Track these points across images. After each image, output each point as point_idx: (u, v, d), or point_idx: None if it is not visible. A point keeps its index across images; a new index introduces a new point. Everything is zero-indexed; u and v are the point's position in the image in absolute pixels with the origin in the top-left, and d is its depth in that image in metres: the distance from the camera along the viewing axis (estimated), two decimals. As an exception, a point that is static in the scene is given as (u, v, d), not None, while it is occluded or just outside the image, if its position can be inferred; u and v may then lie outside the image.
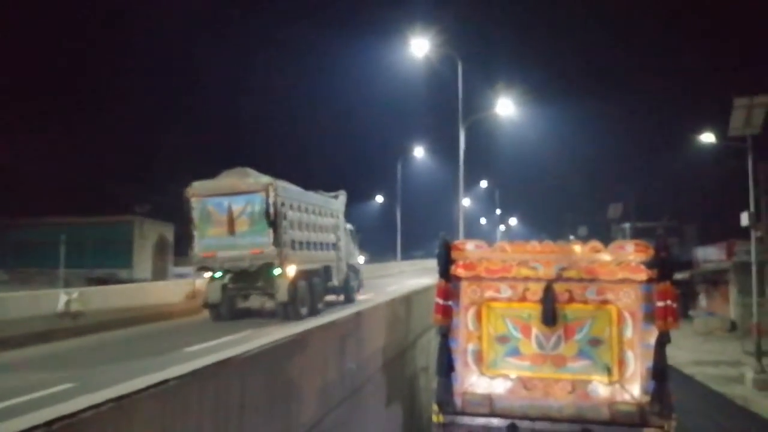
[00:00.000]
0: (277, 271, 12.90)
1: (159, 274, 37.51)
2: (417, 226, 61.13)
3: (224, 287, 14.30)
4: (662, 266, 6.34)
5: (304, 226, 14.32)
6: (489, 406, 6.66)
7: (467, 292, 6.88)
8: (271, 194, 12.81)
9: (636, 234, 50.70)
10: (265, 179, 13.22)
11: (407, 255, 56.99)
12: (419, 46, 21.57)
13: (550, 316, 6.56)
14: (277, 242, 12.65)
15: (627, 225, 52.28)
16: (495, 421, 6.58)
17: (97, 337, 13.43)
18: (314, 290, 14.06)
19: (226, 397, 4.26)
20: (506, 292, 6.83)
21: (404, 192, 48.76)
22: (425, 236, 58.63)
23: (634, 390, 6.43)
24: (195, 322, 16.44)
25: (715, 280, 32.39)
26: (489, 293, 6.84)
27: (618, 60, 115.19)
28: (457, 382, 6.78)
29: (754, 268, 19.66)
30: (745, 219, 19.32)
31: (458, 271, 6.84)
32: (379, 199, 59.16)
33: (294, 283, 13.02)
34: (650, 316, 6.44)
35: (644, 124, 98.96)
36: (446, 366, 6.67)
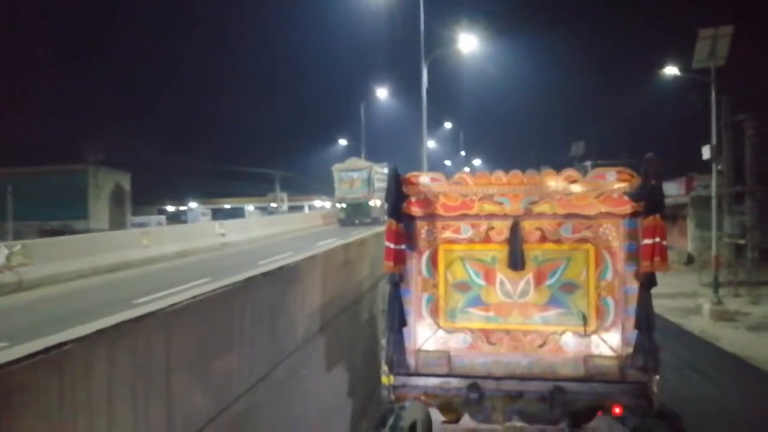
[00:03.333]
0: (371, 203, 31.00)
1: (116, 224, 36.44)
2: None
3: (346, 211, 31.73)
4: (652, 197, 5.44)
5: (378, 185, 30.76)
6: (447, 364, 5.92)
7: (421, 233, 6.05)
8: (370, 171, 31.88)
9: (598, 172, 51.04)
10: (367, 163, 32.72)
11: (336, 197, 56.40)
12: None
13: (518, 259, 5.76)
14: (371, 192, 31.30)
15: (588, 163, 52.63)
16: (454, 382, 5.85)
17: (41, 291, 12.79)
18: (383, 213, 23.95)
19: (147, 360, 3.76)
20: (467, 231, 5.99)
21: (368, 134, 47.87)
22: (390, 179, 57.75)
23: (613, 341, 5.74)
24: (156, 271, 15.93)
25: (674, 215, 32.90)
26: (447, 234, 6.01)
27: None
28: (410, 338, 5.99)
29: (714, 201, 19.79)
30: (707, 152, 19.28)
31: (411, 209, 5.96)
32: (343, 142, 58.10)
33: (376, 209, 30.15)
34: (633, 255, 5.66)
35: (609, 59, 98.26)
36: (397, 320, 5.84)
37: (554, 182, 5.82)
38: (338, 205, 32.78)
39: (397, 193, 5.87)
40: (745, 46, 23.14)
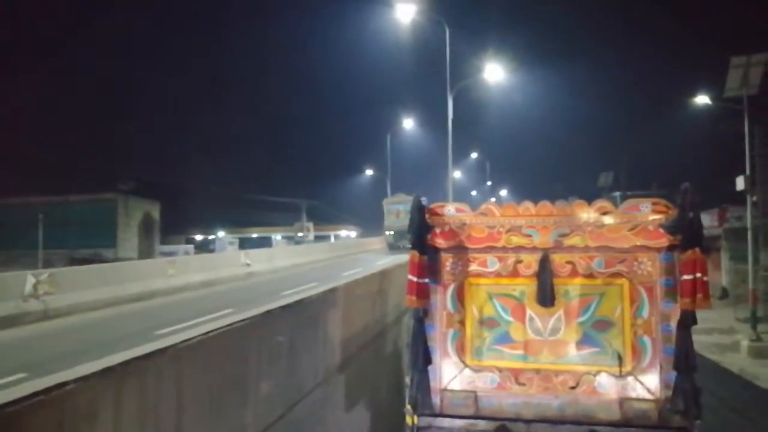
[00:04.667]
0: None
1: (145, 252, 36.80)
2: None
3: (394, 237, 36.15)
4: (690, 229, 5.08)
5: None
6: (474, 405, 5.57)
7: (446, 265, 5.76)
8: (410, 203, 31.14)
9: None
10: (410, 197, 35.91)
11: (385, 228, 56.36)
12: (404, 12, 20.71)
13: (548, 294, 5.43)
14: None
15: (617, 194, 51.80)
16: (481, 423, 5.48)
17: (65, 321, 12.80)
18: None
19: (156, 400, 3.59)
20: (494, 265, 5.68)
21: (394, 164, 48.01)
22: (416, 209, 57.59)
23: (651, 383, 5.35)
24: (180, 301, 15.91)
25: (707, 247, 31.98)
26: (473, 267, 5.72)
27: (611, 22, 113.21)
28: (435, 377, 5.64)
29: (750, 234, 19.15)
30: (741, 183, 18.72)
31: (436, 240, 5.67)
32: (370, 172, 58.22)
33: None
34: (671, 291, 5.29)
35: (638, 88, 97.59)
36: (422, 358, 5.48)
37: (585, 214, 5.51)
38: (387, 233, 40.42)
39: (421, 223, 5.61)
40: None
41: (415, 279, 5.46)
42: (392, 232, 38.95)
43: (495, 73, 22.89)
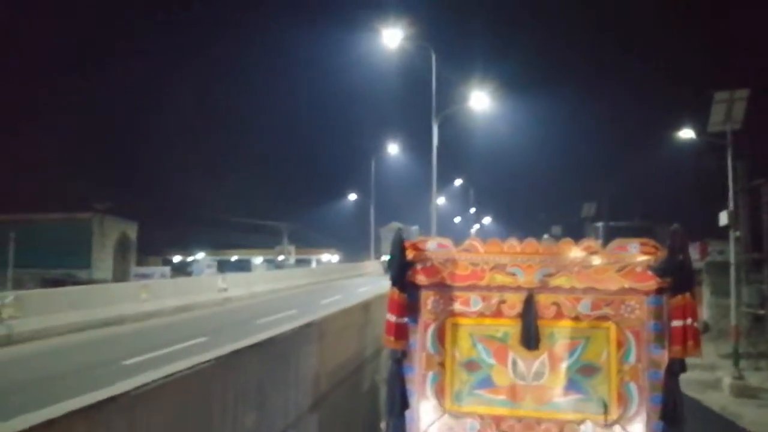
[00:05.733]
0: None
1: (120, 274, 35.98)
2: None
3: (389, 262, 35.23)
4: (680, 272, 4.85)
5: None
6: None
7: (427, 304, 5.42)
8: (409, 230, 24.77)
9: (609, 234, 50.60)
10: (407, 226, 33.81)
11: (383, 253, 56.05)
12: (392, 37, 20.68)
13: (532, 337, 5.15)
14: None
15: (600, 224, 52.02)
16: None
17: (29, 347, 12.21)
18: None
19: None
20: (477, 304, 5.36)
21: (379, 189, 47.89)
22: (399, 234, 57.50)
23: None
24: (151, 327, 15.35)
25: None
26: (455, 306, 5.39)
27: (598, 54, 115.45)
28: (413, 422, 5.30)
29: (732, 269, 19.07)
30: (724, 218, 18.68)
31: (417, 277, 5.35)
32: (353, 196, 57.99)
33: None
34: (660, 336, 5.04)
35: (623, 120, 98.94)
36: (399, 402, 5.15)
37: (572, 253, 5.26)
38: (383, 258, 42.32)
39: (402, 259, 5.29)
40: (763, 109, 22.95)
41: (394, 318, 5.13)
42: (389, 257, 45.75)
43: (480, 101, 22.87)
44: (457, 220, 77.91)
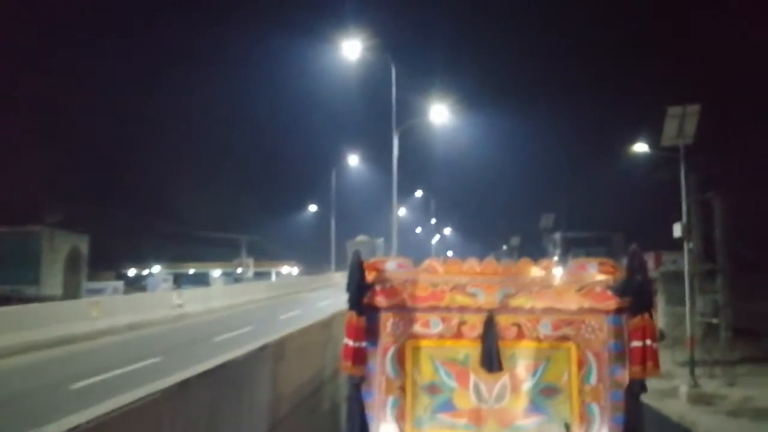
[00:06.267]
0: None
1: (71, 289, 34.69)
2: (352, 235, 59.86)
3: (347, 285, 36.25)
4: (639, 293, 4.81)
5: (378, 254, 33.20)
6: None
7: (387, 326, 5.20)
8: (373, 243, 40.38)
9: (566, 244, 51.62)
10: (371, 239, 42.41)
11: (344, 265, 55.67)
12: (351, 48, 20.56)
13: (494, 359, 4.99)
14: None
15: (558, 234, 52.93)
16: None
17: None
18: None
19: None
20: (437, 326, 5.19)
21: (340, 200, 47.64)
22: (360, 246, 57.67)
23: None
24: (102, 347, 14.75)
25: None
26: (415, 328, 5.20)
27: (555, 71, 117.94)
28: None
29: (687, 280, 19.50)
30: (677, 230, 19.11)
31: (375, 299, 5.14)
32: (313, 208, 57.53)
33: None
34: (621, 356, 4.97)
35: (580, 134, 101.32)
36: (359, 428, 4.95)
37: (532, 273, 5.18)
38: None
39: (360, 281, 5.08)
40: (712, 123, 23.66)
41: (351, 343, 4.90)
42: None
43: (441, 114, 22.94)
44: (419, 230, 78.24)
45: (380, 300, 5.20)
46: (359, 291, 5.05)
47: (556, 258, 53.90)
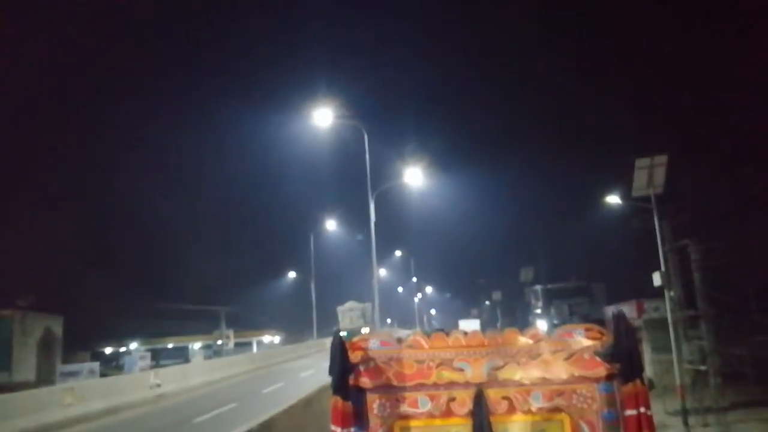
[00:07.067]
0: (363, 330, 35.85)
1: (45, 374, 33.38)
2: (334, 300, 59.16)
3: (348, 338, 37.47)
4: (628, 359, 4.68)
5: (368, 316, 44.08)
6: None
7: (373, 408, 5.00)
8: (363, 308, 51.19)
9: (548, 295, 51.67)
10: (360, 304, 52.40)
11: (326, 331, 54.82)
12: (323, 117, 20.90)
13: None
14: (365, 323, 48.16)
15: (539, 287, 53.02)
16: None
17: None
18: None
19: None
20: (425, 404, 5.00)
21: (319, 265, 47.28)
22: (343, 309, 57.12)
23: None
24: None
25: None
26: (403, 408, 5.01)
27: (528, 129, 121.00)
28: None
29: (671, 329, 19.50)
30: (657, 279, 19.25)
31: (360, 380, 4.97)
32: (293, 275, 56.92)
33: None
34: (615, 425, 4.80)
35: (555, 187, 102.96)
36: None
37: (518, 343, 5.04)
38: (342, 333, 52.94)
39: (343, 363, 4.91)
40: (682, 171, 24.24)
41: (339, 430, 4.70)
42: (346, 333, 51.41)
43: (415, 176, 23.25)
44: (400, 289, 77.81)
45: (365, 381, 5.02)
46: (343, 373, 4.87)
47: (539, 310, 53.92)
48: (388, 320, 77.75)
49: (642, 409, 4.56)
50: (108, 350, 60.76)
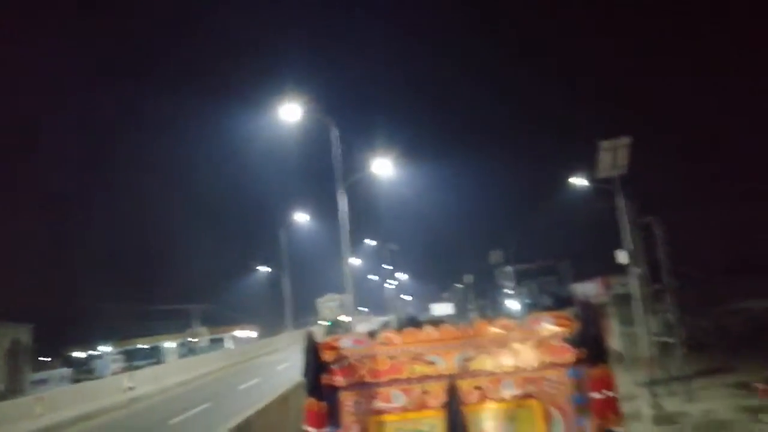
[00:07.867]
0: (341, 318, 42.58)
1: (14, 383, 32.63)
2: (308, 292, 59.08)
3: (329, 328, 45.38)
4: (594, 345, 4.86)
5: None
6: None
7: (348, 406, 5.08)
8: (341, 299, 42.60)
9: (518, 276, 52.67)
10: (338, 296, 46.85)
11: (302, 322, 54.78)
12: (290, 112, 20.70)
13: (459, 426, 4.86)
14: (343, 313, 38.77)
15: (509, 268, 54.05)
16: None
17: None
18: (348, 325, 27.82)
19: None
20: (399, 399, 5.09)
21: (291, 259, 47.02)
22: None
23: None
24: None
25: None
26: (377, 404, 5.08)
27: (496, 116, 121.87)
28: None
29: (640, 304, 19.98)
30: (622, 257, 19.68)
31: (334, 379, 5.04)
32: (266, 269, 56.53)
33: (345, 323, 30.84)
34: (585, 408, 4.92)
35: (521, 170, 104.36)
36: None
37: (488, 333, 5.14)
38: (322, 323, 51.86)
39: (316, 364, 4.94)
40: (644, 151, 24.75)
41: (314, 431, 4.74)
42: (329, 323, 50.84)
43: (384, 166, 23.33)
44: (375, 277, 77.94)
45: (339, 380, 5.08)
46: (316, 374, 4.92)
47: (511, 290, 54.81)
48: (364, 309, 77.97)
49: (607, 392, 4.71)
50: (80, 354, 59.68)
